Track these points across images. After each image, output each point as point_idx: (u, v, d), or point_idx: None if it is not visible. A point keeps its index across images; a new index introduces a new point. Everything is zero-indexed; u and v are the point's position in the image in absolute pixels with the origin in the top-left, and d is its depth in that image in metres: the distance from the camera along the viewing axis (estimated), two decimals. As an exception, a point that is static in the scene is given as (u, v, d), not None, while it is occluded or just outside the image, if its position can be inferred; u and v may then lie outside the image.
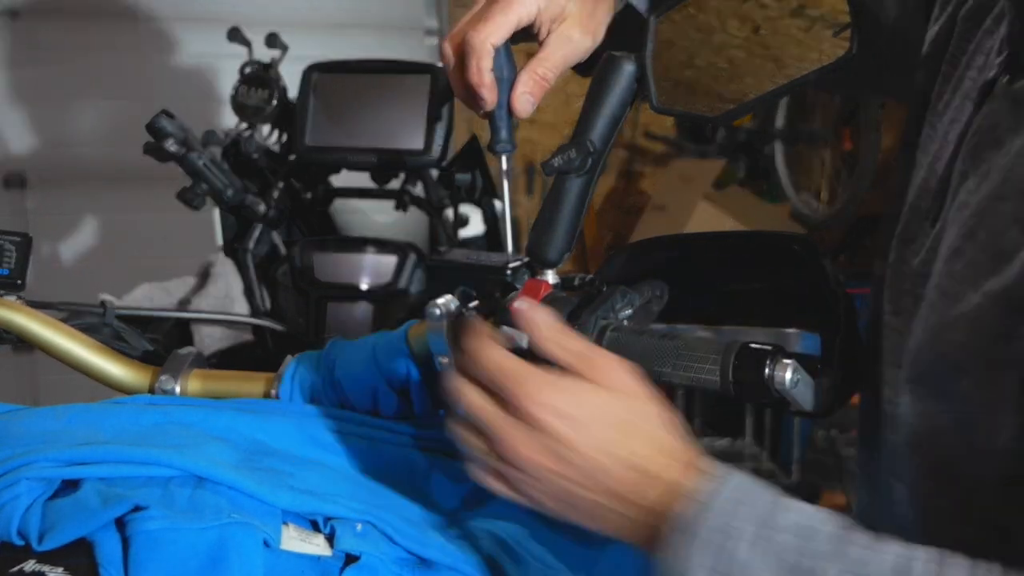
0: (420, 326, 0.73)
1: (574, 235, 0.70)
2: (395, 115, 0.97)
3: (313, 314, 0.98)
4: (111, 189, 2.77)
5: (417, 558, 0.60)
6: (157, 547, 0.53)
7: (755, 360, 0.57)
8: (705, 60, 0.69)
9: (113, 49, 2.75)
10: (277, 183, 1.05)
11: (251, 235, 1.05)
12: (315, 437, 0.68)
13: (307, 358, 0.77)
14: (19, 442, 0.61)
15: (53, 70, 2.74)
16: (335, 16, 2.81)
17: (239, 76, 1.06)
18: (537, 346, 0.58)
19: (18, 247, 0.82)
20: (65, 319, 0.85)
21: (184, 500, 0.57)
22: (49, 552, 0.53)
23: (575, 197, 0.69)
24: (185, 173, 0.99)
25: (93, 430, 0.64)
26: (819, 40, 0.65)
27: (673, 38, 0.69)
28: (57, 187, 2.76)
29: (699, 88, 0.69)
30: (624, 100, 0.69)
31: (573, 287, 0.69)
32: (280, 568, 0.57)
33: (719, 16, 0.68)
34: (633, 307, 0.66)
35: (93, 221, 2.80)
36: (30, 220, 2.73)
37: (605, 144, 0.69)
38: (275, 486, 0.60)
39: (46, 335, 0.78)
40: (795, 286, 0.69)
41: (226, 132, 1.05)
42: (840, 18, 0.65)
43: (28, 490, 0.56)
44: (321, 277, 0.99)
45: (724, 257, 0.74)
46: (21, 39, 2.74)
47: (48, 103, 2.76)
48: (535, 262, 0.70)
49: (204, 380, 0.77)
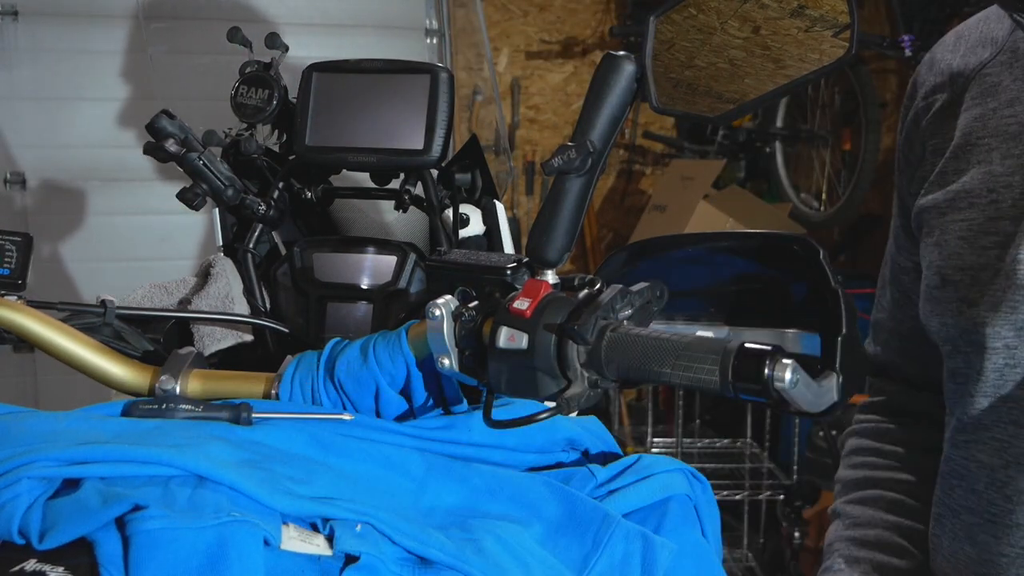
0: (420, 326, 0.73)
1: (574, 235, 0.70)
2: (395, 115, 0.97)
3: (313, 314, 0.98)
4: (111, 189, 2.77)
5: (417, 558, 0.60)
6: (157, 546, 0.53)
7: (755, 360, 0.57)
8: (705, 60, 0.69)
9: (113, 49, 2.75)
10: (277, 183, 1.05)
11: (251, 235, 1.04)
12: (315, 437, 0.68)
13: (307, 358, 0.77)
14: (20, 442, 0.61)
15: (53, 70, 2.74)
16: (335, 16, 2.81)
17: (239, 76, 1.06)
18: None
19: (19, 247, 0.82)
20: (65, 319, 0.85)
21: (184, 499, 0.57)
22: (50, 551, 0.53)
23: (575, 197, 0.69)
24: (185, 173, 0.99)
25: (94, 430, 0.64)
26: (819, 40, 0.65)
27: (673, 38, 0.69)
28: (57, 187, 2.76)
29: (699, 88, 0.69)
30: (624, 100, 0.69)
31: (573, 287, 0.69)
32: (280, 568, 0.57)
33: (719, 16, 0.68)
34: (633, 307, 0.66)
35: (93, 221, 2.80)
36: (30, 220, 2.73)
37: (605, 144, 0.69)
38: (274, 489, 0.60)
39: (46, 335, 0.79)
40: (795, 286, 0.69)
41: (226, 132, 1.05)
42: (840, 18, 0.65)
43: (29, 489, 0.56)
44: (321, 277, 0.99)
45: (724, 257, 0.74)
46: (21, 39, 2.74)
47: (48, 103, 2.76)
48: (535, 262, 0.70)
49: (204, 380, 0.77)
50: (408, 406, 0.76)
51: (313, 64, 1.01)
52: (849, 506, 1.06)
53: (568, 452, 0.77)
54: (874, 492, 1.05)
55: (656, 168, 4.76)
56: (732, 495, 3.22)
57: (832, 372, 0.62)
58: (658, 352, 0.60)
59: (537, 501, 0.68)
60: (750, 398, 0.58)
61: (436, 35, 2.85)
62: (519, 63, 4.56)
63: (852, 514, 1.05)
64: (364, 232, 1.17)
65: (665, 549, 0.67)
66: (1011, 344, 0.84)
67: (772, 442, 3.42)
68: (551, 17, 4.58)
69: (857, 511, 1.05)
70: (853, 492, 1.07)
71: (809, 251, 0.66)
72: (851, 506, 1.06)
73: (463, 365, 0.70)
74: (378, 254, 0.99)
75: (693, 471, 0.74)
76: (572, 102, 4.56)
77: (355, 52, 1.18)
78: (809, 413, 0.60)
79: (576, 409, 0.65)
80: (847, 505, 1.06)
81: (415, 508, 0.66)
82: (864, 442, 1.10)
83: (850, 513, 1.05)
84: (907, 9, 3.30)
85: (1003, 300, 0.84)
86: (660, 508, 0.71)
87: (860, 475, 1.07)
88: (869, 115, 3.51)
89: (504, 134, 3.27)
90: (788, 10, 0.66)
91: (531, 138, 4.60)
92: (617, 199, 4.74)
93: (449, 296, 0.71)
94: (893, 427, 1.09)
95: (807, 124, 4.01)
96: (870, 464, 1.07)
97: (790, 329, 0.68)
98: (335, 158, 0.99)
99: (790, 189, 4.18)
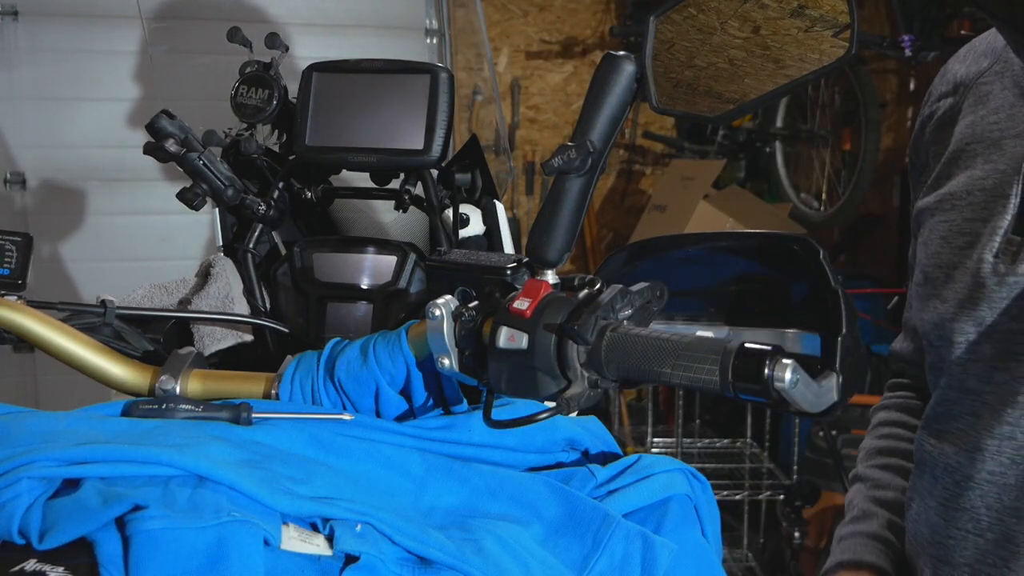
0: (420, 326, 0.73)
1: (574, 235, 0.70)
2: (395, 115, 0.97)
3: (313, 314, 0.98)
4: (111, 189, 2.77)
5: (417, 558, 0.60)
6: (157, 546, 0.53)
7: (755, 360, 0.57)
8: (705, 60, 0.69)
9: (113, 49, 2.75)
10: (277, 183, 1.05)
11: (251, 235, 1.04)
12: (315, 437, 0.68)
13: (307, 358, 0.77)
14: (20, 442, 0.61)
15: (53, 70, 2.74)
16: (335, 16, 2.81)
17: (239, 76, 1.06)
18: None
19: (19, 247, 0.82)
20: (65, 319, 0.85)
21: (184, 499, 0.57)
22: (50, 551, 0.53)
23: (575, 197, 0.69)
24: (185, 173, 0.99)
25: (94, 430, 0.64)
26: (819, 40, 0.65)
27: (673, 38, 0.69)
28: (57, 187, 2.76)
29: (699, 88, 0.69)
30: (624, 100, 0.69)
31: (573, 287, 0.69)
32: (280, 568, 0.57)
33: (719, 16, 0.68)
34: (633, 307, 0.66)
35: (93, 221, 2.80)
36: (30, 220, 2.73)
37: (605, 144, 0.69)
38: (274, 489, 0.60)
39: (46, 335, 0.79)
40: (795, 286, 0.69)
41: (226, 132, 1.05)
42: (840, 18, 0.65)
43: (29, 489, 0.56)
44: (321, 277, 0.99)
45: (724, 257, 0.74)
46: (21, 39, 2.74)
47: (48, 103, 2.76)
48: (535, 262, 0.70)
49: (204, 380, 0.77)
50: (408, 406, 0.76)
51: (313, 64, 1.01)
52: (871, 470, 1.12)
53: (568, 452, 0.77)
54: (894, 460, 1.10)
55: (656, 168, 4.76)
56: (732, 495, 3.22)
57: (832, 372, 0.62)
58: (658, 352, 0.60)
59: (537, 501, 0.68)
60: (750, 398, 0.58)
61: (436, 35, 2.85)
62: (519, 63, 4.56)
63: (873, 476, 1.11)
64: (364, 232, 1.17)
65: (665, 549, 0.67)
66: (972, 339, 0.89)
67: (772, 442, 3.42)
68: (551, 17, 4.58)
69: (878, 474, 1.11)
70: (876, 458, 1.13)
71: (809, 251, 0.66)
72: (873, 470, 1.12)
73: (463, 365, 0.70)
74: (378, 254, 0.99)
75: (693, 471, 0.74)
76: (572, 102, 4.56)
77: (355, 52, 1.18)
78: (809, 413, 0.60)
79: (576, 409, 0.65)
80: (869, 469, 1.12)
81: (415, 508, 0.66)
82: (892, 415, 1.15)
83: (871, 476, 1.11)
84: (907, 9, 3.30)
85: (967, 297, 0.89)
86: (660, 508, 0.71)
87: (884, 444, 1.13)
88: (869, 115, 3.51)
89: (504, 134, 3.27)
90: (788, 10, 0.66)
91: (531, 138, 4.60)
92: (617, 199, 4.74)
93: (449, 296, 0.71)
94: (919, 403, 1.13)
95: (807, 124, 4.01)
96: (895, 435, 1.13)
97: (790, 329, 0.68)
98: (335, 158, 0.99)
99: (790, 189, 4.18)
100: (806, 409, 0.59)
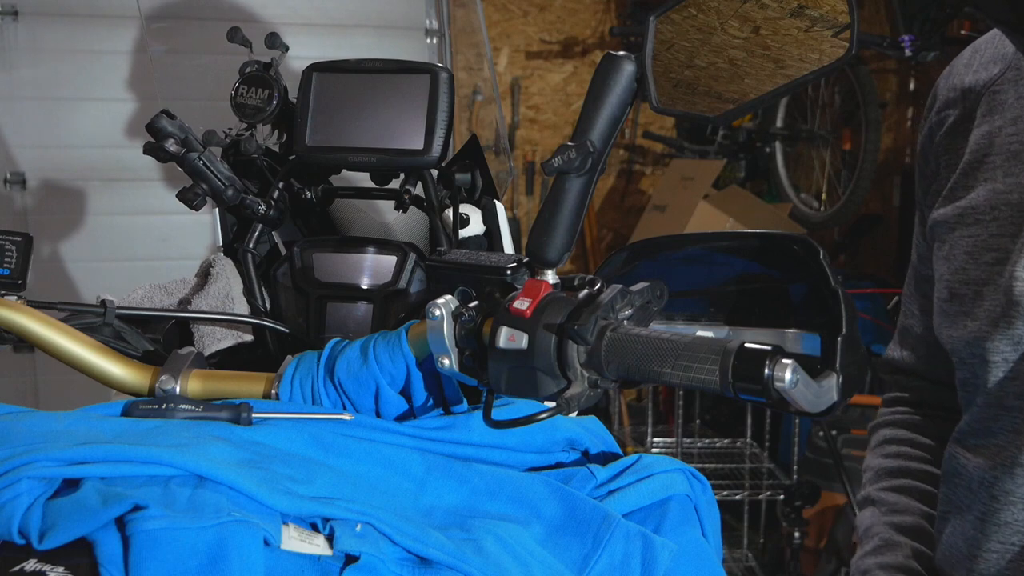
0: (420, 326, 0.73)
1: (574, 235, 0.70)
2: (395, 115, 0.97)
3: (313, 314, 0.98)
4: (111, 189, 2.77)
5: (417, 558, 0.60)
6: (157, 546, 0.53)
7: (755, 360, 0.57)
8: (705, 60, 0.69)
9: (113, 49, 2.75)
10: (277, 183, 1.05)
11: (251, 235, 1.04)
12: (315, 437, 0.68)
13: (307, 358, 0.77)
14: (20, 442, 0.61)
15: (53, 70, 2.74)
16: (335, 16, 2.81)
17: (239, 76, 1.06)
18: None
19: (18, 247, 0.82)
20: (65, 319, 0.85)
21: (184, 499, 0.57)
22: (50, 551, 0.53)
23: (575, 197, 0.69)
24: (185, 173, 0.99)
25: (94, 430, 0.64)
26: (819, 40, 0.65)
27: (673, 38, 0.69)
28: (57, 187, 2.76)
29: (699, 88, 0.69)
30: (624, 100, 0.69)
31: (573, 287, 0.69)
32: (280, 568, 0.57)
33: (719, 16, 0.68)
34: (633, 307, 0.66)
35: (93, 221, 2.80)
36: (30, 220, 2.73)
37: (605, 144, 0.69)
38: (274, 489, 0.60)
39: (46, 335, 0.79)
40: (795, 286, 0.69)
41: (226, 132, 1.05)
42: (840, 18, 0.65)
43: (29, 489, 0.56)
44: (321, 277, 0.99)
45: (724, 257, 0.74)
46: (21, 39, 2.74)
47: (48, 103, 2.76)
48: (535, 262, 0.70)
49: (204, 380, 0.77)
50: (408, 406, 0.76)
51: (313, 64, 1.01)
52: (885, 493, 1.10)
53: (568, 452, 0.77)
54: (908, 481, 1.09)
55: (656, 168, 4.76)
56: (732, 495, 3.22)
57: (832, 372, 0.62)
58: (658, 352, 0.60)
59: (537, 501, 0.68)
60: (750, 398, 0.58)
61: (436, 35, 2.84)
62: (519, 63, 4.56)
63: (888, 501, 1.09)
64: (364, 232, 1.17)
65: (665, 549, 0.67)
66: (1008, 358, 0.88)
67: (772, 442, 3.42)
68: (551, 17, 4.58)
69: (893, 498, 1.09)
70: (887, 480, 1.11)
71: (809, 251, 0.66)
72: (887, 493, 1.10)
73: (463, 365, 0.70)
74: (378, 254, 0.99)
75: (693, 471, 0.74)
76: (572, 102, 4.56)
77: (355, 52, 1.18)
78: (809, 413, 0.61)
79: (576, 409, 0.65)
80: (882, 492, 1.10)
81: (415, 508, 0.66)
82: (898, 432, 1.13)
83: (886, 500, 1.09)
84: (907, 9, 3.30)
85: (1000, 315, 0.88)
86: (660, 508, 0.71)
87: (894, 464, 1.11)
88: (869, 115, 3.51)
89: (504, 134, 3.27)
90: (788, 10, 0.66)
91: (531, 138, 4.60)
92: (617, 199, 4.74)
93: (449, 296, 0.71)
94: (923, 420, 1.12)
95: (807, 124, 4.01)
96: (904, 455, 1.11)
97: (790, 329, 0.68)
98: (335, 158, 0.99)
99: (790, 189, 4.18)
100: (806, 409, 0.59)
